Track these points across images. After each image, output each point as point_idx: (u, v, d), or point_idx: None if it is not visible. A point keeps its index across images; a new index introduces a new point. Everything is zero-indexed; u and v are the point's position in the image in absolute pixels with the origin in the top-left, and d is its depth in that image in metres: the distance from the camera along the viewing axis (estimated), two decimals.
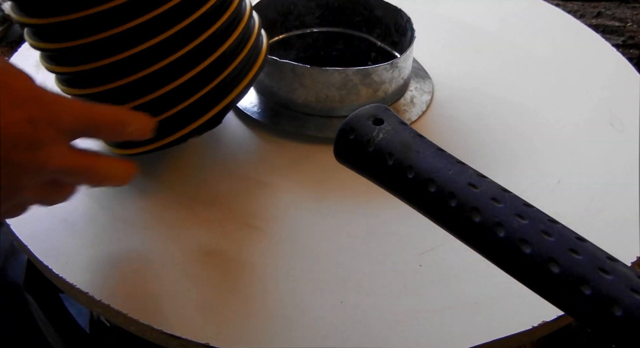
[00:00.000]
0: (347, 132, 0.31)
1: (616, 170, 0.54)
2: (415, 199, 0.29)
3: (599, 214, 0.50)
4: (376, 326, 0.42)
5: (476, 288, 0.45)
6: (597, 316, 0.23)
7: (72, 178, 0.40)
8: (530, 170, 0.54)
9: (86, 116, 0.38)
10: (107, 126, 0.40)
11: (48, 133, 0.36)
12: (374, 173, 0.31)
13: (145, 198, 0.50)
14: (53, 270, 0.44)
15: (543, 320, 0.42)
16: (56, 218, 0.48)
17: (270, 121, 0.57)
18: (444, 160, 0.29)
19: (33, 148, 0.35)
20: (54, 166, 0.37)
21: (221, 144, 0.55)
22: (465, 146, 0.56)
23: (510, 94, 0.62)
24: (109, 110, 0.40)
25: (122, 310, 0.42)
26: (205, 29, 0.46)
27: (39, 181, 0.37)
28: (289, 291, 0.44)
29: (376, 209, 0.50)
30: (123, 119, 0.41)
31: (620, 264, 0.24)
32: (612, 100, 0.62)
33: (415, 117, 0.59)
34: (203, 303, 0.43)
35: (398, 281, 0.45)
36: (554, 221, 0.26)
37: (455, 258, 0.46)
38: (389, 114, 0.31)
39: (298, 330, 0.42)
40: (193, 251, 0.46)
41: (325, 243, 0.47)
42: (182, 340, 0.40)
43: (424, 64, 0.64)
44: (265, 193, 0.51)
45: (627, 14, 1.04)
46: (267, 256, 0.46)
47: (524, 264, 0.25)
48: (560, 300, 0.25)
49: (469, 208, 0.27)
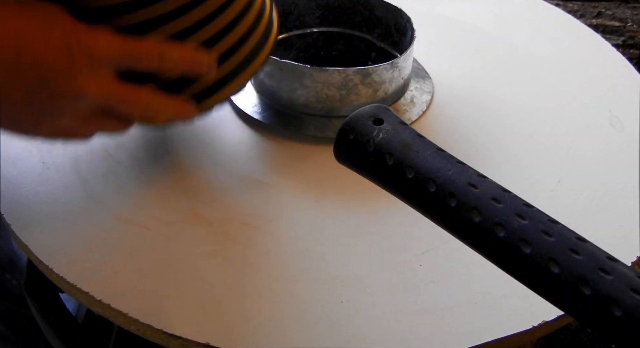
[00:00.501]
0: (347, 132, 0.31)
1: (616, 170, 0.54)
2: (415, 199, 0.29)
3: (599, 214, 0.50)
4: (376, 326, 0.42)
5: (476, 288, 0.45)
6: (597, 316, 0.23)
7: (118, 106, 0.41)
8: (531, 170, 0.54)
9: (123, 46, 0.40)
10: (146, 57, 0.41)
11: (84, 61, 0.37)
12: (374, 173, 0.31)
13: (146, 198, 0.50)
14: (54, 270, 0.44)
15: (543, 320, 0.42)
16: (57, 218, 0.48)
17: (270, 121, 0.57)
18: (444, 160, 0.29)
19: (70, 74, 0.37)
20: (93, 94, 0.38)
21: (221, 144, 0.55)
22: (465, 146, 0.56)
23: (510, 94, 0.62)
24: (148, 42, 0.41)
25: (123, 309, 0.42)
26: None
27: (81, 108, 0.39)
28: (289, 291, 0.44)
29: (376, 209, 0.50)
30: (162, 49, 0.42)
31: (620, 264, 0.24)
32: (612, 100, 0.62)
33: (415, 117, 0.59)
34: (203, 303, 0.43)
35: (398, 281, 0.45)
36: (554, 221, 0.26)
37: (456, 258, 0.46)
38: (389, 114, 0.31)
39: (298, 330, 0.42)
40: (193, 251, 0.46)
41: (326, 243, 0.47)
42: (183, 340, 0.41)
43: (424, 64, 0.64)
44: (265, 192, 0.51)
45: (627, 14, 1.04)
46: (267, 256, 0.46)
47: (524, 264, 0.25)
48: (560, 300, 0.25)
49: (469, 208, 0.27)
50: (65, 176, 0.51)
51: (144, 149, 0.54)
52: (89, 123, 0.42)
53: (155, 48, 0.42)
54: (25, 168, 0.52)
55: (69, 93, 0.38)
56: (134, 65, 0.41)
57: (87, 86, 0.38)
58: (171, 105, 0.44)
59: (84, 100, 0.39)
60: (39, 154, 0.53)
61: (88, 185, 0.51)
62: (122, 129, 0.44)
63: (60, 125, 0.41)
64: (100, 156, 0.53)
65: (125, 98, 0.41)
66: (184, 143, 0.55)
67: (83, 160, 0.53)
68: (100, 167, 0.52)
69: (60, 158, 0.53)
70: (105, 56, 0.39)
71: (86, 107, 0.40)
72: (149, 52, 0.41)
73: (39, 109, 0.39)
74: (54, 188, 0.50)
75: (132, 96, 0.42)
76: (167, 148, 0.54)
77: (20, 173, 0.51)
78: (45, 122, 0.40)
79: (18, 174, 0.51)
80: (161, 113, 0.44)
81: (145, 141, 0.55)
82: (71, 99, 0.38)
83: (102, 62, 0.39)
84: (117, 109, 0.42)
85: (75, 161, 0.53)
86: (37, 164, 0.52)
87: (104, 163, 0.53)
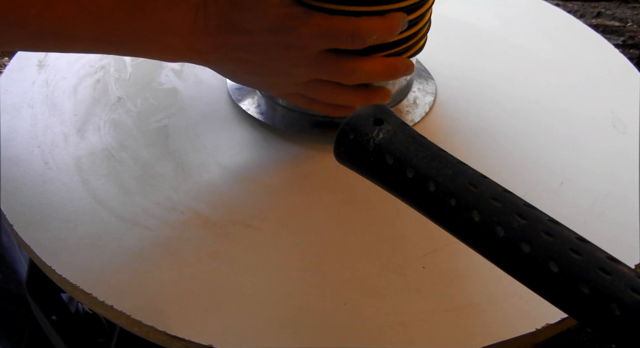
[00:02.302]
0: (347, 132, 0.31)
1: (619, 172, 0.54)
2: (415, 199, 0.29)
3: (602, 216, 0.50)
4: (379, 328, 0.42)
5: (479, 290, 0.45)
6: (596, 316, 0.23)
7: (333, 41, 0.46)
8: (533, 172, 0.54)
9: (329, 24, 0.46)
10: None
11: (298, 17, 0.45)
12: (374, 172, 0.31)
13: (148, 199, 0.50)
14: (56, 271, 0.44)
15: (546, 323, 0.42)
16: (59, 218, 0.48)
17: (271, 121, 0.57)
18: (444, 160, 0.29)
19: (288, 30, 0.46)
20: (310, 32, 0.45)
21: (222, 144, 0.55)
22: (468, 147, 0.56)
23: (512, 95, 0.62)
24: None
25: (126, 311, 0.42)
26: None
27: (308, 54, 0.47)
28: (292, 293, 0.44)
29: (379, 210, 0.50)
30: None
31: (620, 264, 0.24)
32: (614, 101, 0.62)
33: (418, 119, 0.59)
34: (206, 305, 0.43)
35: (401, 283, 0.45)
36: (554, 221, 0.26)
37: (459, 260, 0.46)
38: (389, 114, 0.31)
39: (301, 332, 0.42)
40: (195, 251, 0.46)
41: (328, 244, 0.47)
42: (186, 342, 0.41)
43: (427, 65, 0.64)
44: (265, 193, 0.51)
45: (627, 14, 1.03)
46: (269, 257, 0.46)
47: (524, 264, 0.25)
48: (560, 300, 0.25)
49: (469, 208, 0.27)
50: (67, 176, 0.51)
51: (146, 149, 0.54)
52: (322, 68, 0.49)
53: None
54: (28, 168, 0.52)
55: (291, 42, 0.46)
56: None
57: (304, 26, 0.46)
58: (383, 21, 0.48)
59: (304, 42, 0.47)
60: (41, 154, 0.53)
61: (90, 185, 0.51)
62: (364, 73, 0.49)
63: (300, 80, 0.50)
64: (102, 156, 0.53)
65: (337, 29, 0.46)
66: (186, 143, 0.55)
67: (85, 160, 0.53)
68: (102, 167, 0.52)
69: (62, 158, 0.53)
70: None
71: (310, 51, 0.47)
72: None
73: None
74: (56, 188, 0.50)
75: (340, 25, 0.46)
76: (169, 148, 0.54)
77: (23, 173, 0.52)
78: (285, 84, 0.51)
79: (20, 174, 0.52)
80: (379, 31, 0.48)
81: (147, 141, 0.55)
82: (295, 48, 0.47)
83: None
84: (335, 43, 0.47)
85: (77, 161, 0.53)
86: (39, 165, 0.52)
87: (106, 163, 0.53)
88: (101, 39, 0.46)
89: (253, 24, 0.46)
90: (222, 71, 0.52)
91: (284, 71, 0.49)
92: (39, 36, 0.44)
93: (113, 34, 0.46)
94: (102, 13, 0.44)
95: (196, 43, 0.48)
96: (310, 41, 0.46)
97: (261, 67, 0.49)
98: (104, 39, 0.46)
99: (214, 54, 0.49)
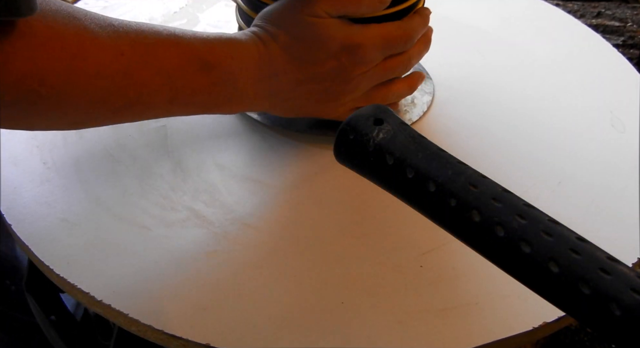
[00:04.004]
0: (347, 132, 0.31)
1: (617, 171, 0.54)
2: (415, 199, 0.29)
3: (600, 215, 0.50)
4: (377, 327, 0.42)
5: (477, 289, 0.45)
6: (596, 316, 0.23)
7: (393, 47, 0.49)
8: (531, 171, 0.54)
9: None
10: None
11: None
12: (374, 172, 0.31)
13: (146, 199, 0.50)
14: (55, 271, 0.44)
15: (544, 321, 0.42)
16: (58, 218, 0.48)
17: (270, 121, 0.57)
18: (444, 160, 0.29)
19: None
20: (373, 44, 0.48)
21: (221, 144, 0.55)
22: (466, 147, 0.56)
23: (511, 95, 0.62)
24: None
25: (124, 310, 0.42)
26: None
27: (373, 65, 0.49)
28: (290, 292, 0.44)
29: (377, 209, 0.50)
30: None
31: (620, 264, 0.24)
32: (613, 100, 0.62)
33: (416, 118, 0.59)
34: (204, 304, 0.43)
35: (399, 282, 0.45)
36: (554, 221, 0.26)
37: (456, 258, 0.46)
38: (389, 114, 0.31)
39: (299, 331, 0.42)
40: (194, 251, 0.46)
41: (326, 243, 0.47)
42: (183, 341, 0.41)
43: (425, 64, 0.64)
44: (265, 193, 0.51)
45: (627, 14, 1.04)
46: (267, 256, 0.46)
47: (524, 264, 0.25)
48: (560, 300, 0.25)
49: (469, 208, 0.27)
50: (66, 176, 0.51)
51: (145, 149, 0.54)
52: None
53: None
54: (26, 168, 0.52)
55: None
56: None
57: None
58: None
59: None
60: (40, 154, 0.53)
61: (89, 185, 0.51)
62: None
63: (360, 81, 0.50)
64: (101, 156, 0.53)
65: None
66: (185, 143, 0.55)
67: (84, 160, 0.53)
68: (101, 167, 0.52)
69: (61, 158, 0.53)
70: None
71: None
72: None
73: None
74: (55, 188, 0.50)
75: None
76: (168, 148, 0.54)
77: (21, 173, 0.52)
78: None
79: (19, 174, 0.51)
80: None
81: (146, 141, 0.55)
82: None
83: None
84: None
85: (76, 161, 0.53)
86: (38, 165, 0.52)
87: (105, 163, 0.53)
88: (174, 101, 0.45)
89: (319, 53, 0.47)
90: (287, 109, 0.51)
91: (350, 89, 0.49)
92: (118, 109, 0.43)
93: (185, 93, 0.45)
94: (175, 73, 0.43)
95: (264, 85, 0.48)
96: (375, 53, 0.48)
97: (329, 93, 0.49)
98: (176, 101, 0.45)
99: (282, 94, 0.49)
